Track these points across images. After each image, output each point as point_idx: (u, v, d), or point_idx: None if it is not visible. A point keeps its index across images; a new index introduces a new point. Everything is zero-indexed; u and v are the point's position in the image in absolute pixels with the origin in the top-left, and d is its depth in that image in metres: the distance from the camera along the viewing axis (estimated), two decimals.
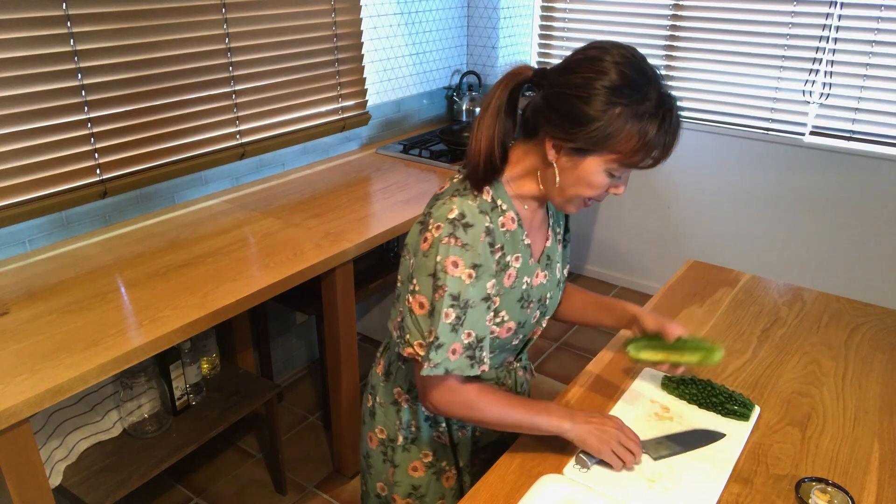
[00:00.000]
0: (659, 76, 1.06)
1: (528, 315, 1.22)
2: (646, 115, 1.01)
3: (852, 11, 2.75)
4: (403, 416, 1.30)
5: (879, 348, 1.53)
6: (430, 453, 1.32)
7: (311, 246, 2.00)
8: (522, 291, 1.19)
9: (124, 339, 1.52)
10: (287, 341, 2.87)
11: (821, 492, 1.09)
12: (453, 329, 1.09)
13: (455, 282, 1.08)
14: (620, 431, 1.16)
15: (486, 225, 1.10)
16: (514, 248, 1.17)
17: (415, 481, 1.33)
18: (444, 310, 1.08)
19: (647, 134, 1.02)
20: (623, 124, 1.01)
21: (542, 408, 1.17)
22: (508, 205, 1.15)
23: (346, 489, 2.33)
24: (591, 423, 1.16)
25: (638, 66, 1.03)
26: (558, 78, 1.06)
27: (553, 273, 1.27)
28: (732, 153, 3.18)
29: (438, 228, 1.09)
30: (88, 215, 2.06)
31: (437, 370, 1.10)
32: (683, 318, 1.65)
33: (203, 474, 2.39)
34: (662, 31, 3.22)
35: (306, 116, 2.65)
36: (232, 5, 2.26)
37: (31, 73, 1.82)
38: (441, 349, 1.09)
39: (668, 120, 1.03)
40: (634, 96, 1.01)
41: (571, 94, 1.03)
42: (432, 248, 1.09)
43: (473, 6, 3.35)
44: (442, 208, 1.10)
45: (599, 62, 1.03)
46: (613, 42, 1.06)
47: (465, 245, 1.08)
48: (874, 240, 2.94)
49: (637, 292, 3.66)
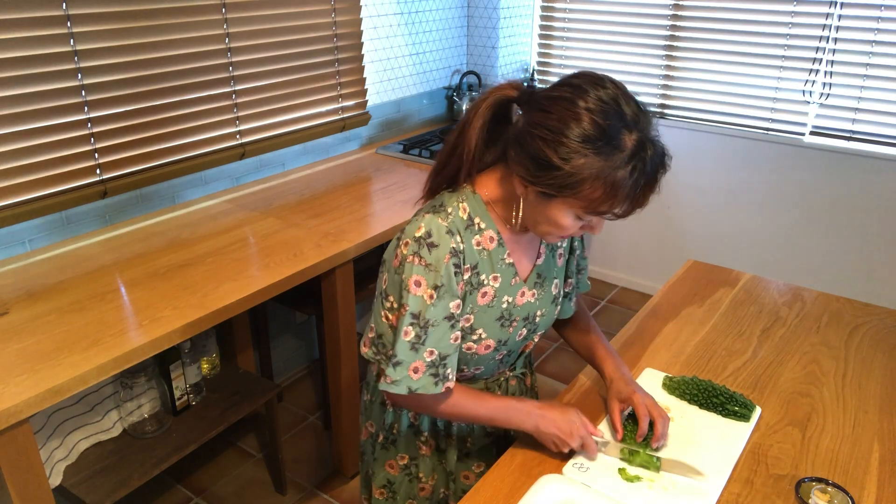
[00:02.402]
0: (642, 120, 0.99)
1: (512, 333, 1.22)
2: (615, 166, 0.96)
3: (852, 11, 2.75)
4: (387, 418, 1.32)
5: (879, 348, 1.53)
6: (406, 457, 1.34)
7: (311, 246, 2.00)
8: (503, 310, 1.18)
9: (124, 339, 1.52)
10: (287, 341, 2.87)
11: (821, 492, 1.09)
12: (412, 347, 1.10)
13: (416, 301, 1.08)
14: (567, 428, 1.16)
15: (452, 246, 1.08)
16: (492, 268, 1.15)
17: (390, 477, 1.37)
18: (404, 328, 1.09)
19: (615, 185, 0.97)
20: (588, 174, 0.96)
21: (501, 407, 1.19)
22: (488, 224, 1.14)
23: (346, 489, 2.33)
24: (546, 417, 1.17)
25: (615, 112, 0.97)
26: (534, 113, 1.01)
27: (546, 291, 1.25)
28: (732, 153, 3.18)
29: (406, 245, 1.09)
30: (88, 215, 2.06)
31: (399, 388, 1.10)
32: (683, 318, 1.66)
33: (203, 474, 2.39)
34: (662, 31, 3.22)
35: (306, 116, 2.65)
36: (232, 5, 2.26)
37: (31, 73, 1.82)
38: (399, 367, 1.10)
39: (641, 171, 0.97)
40: (605, 147, 0.96)
41: (539, 136, 0.99)
42: (401, 265, 1.10)
43: (473, 6, 3.35)
44: (412, 224, 1.10)
45: (573, 106, 0.97)
46: (597, 79, 1.00)
47: (427, 265, 1.07)
48: (874, 240, 2.94)
49: (637, 292, 3.66)
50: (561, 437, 1.15)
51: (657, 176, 1.00)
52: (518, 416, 1.18)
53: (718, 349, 1.53)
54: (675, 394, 1.36)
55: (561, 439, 1.15)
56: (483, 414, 1.19)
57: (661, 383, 1.39)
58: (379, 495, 1.39)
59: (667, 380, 1.39)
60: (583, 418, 1.18)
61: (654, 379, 1.41)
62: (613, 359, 1.31)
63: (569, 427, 1.15)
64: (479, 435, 1.33)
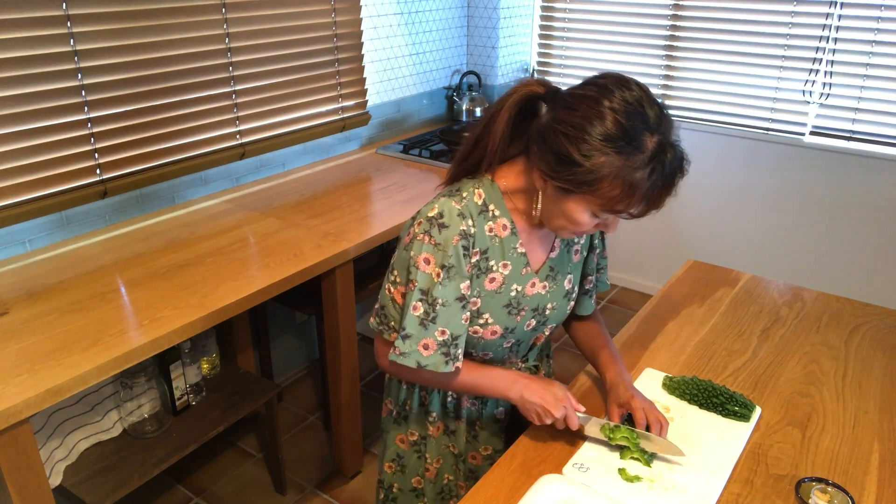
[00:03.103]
0: (664, 124, 1.01)
1: (519, 322, 1.24)
2: (635, 167, 0.98)
3: (852, 11, 2.75)
4: (401, 395, 1.36)
5: (879, 348, 1.53)
6: (416, 433, 1.38)
7: (311, 246, 2.00)
8: (511, 298, 1.20)
9: (124, 339, 1.52)
10: (287, 341, 2.87)
11: (821, 492, 1.09)
12: (421, 323, 1.13)
13: (424, 277, 1.12)
14: (552, 399, 1.17)
15: (462, 229, 1.11)
16: (503, 255, 1.18)
17: (399, 451, 1.41)
18: (413, 303, 1.13)
19: (633, 185, 0.99)
20: (607, 172, 0.99)
21: (487, 375, 1.21)
22: (503, 212, 1.17)
23: (346, 489, 2.33)
24: (531, 387, 1.18)
25: (639, 114, 0.99)
26: (559, 110, 1.04)
27: (558, 285, 1.27)
28: (732, 153, 3.18)
29: (419, 224, 1.13)
30: (88, 215, 2.06)
31: (407, 360, 1.14)
32: (683, 318, 1.66)
33: (203, 474, 2.39)
34: (662, 31, 3.22)
35: (306, 116, 2.65)
36: (232, 5, 2.26)
37: (31, 73, 1.82)
38: (408, 340, 1.14)
39: (659, 173, 0.99)
40: (626, 147, 0.98)
41: (562, 132, 1.01)
42: (411, 242, 1.14)
43: (473, 6, 3.35)
44: (428, 206, 1.15)
45: (598, 105, 0.99)
46: (623, 80, 1.02)
47: (437, 245, 1.11)
48: (874, 240, 2.94)
49: (637, 292, 3.66)
50: (545, 407, 1.16)
51: (675, 179, 1.03)
52: (503, 384, 1.20)
53: (718, 349, 1.53)
54: (675, 394, 1.36)
55: (545, 409, 1.16)
56: (469, 382, 1.22)
57: (661, 383, 1.39)
58: (388, 469, 1.43)
59: (667, 380, 1.39)
60: (566, 392, 1.19)
61: (654, 379, 1.41)
62: (616, 365, 1.32)
63: (553, 398, 1.17)
64: (487, 419, 1.35)
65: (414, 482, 1.42)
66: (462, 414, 1.33)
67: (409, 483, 1.42)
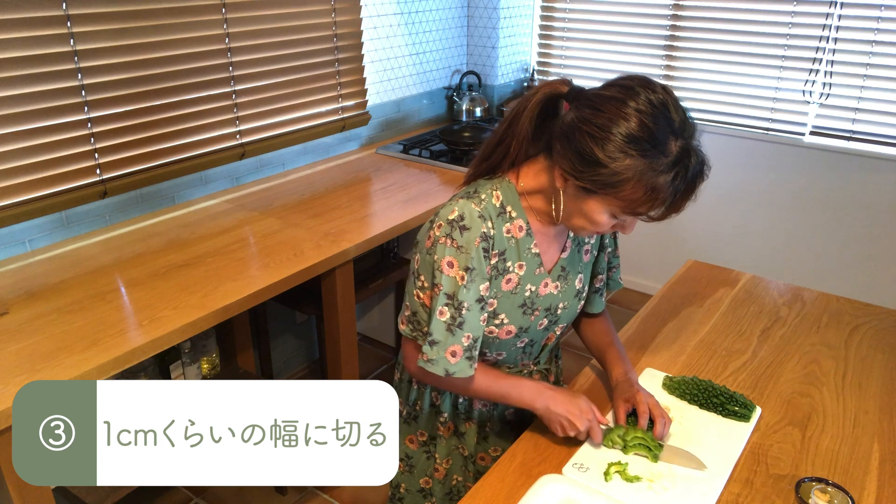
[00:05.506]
0: (688, 129, 1.02)
1: (533, 322, 1.24)
2: (658, 170, 0.99)
3: (852, 11, 2.75)
4: (411, 395, 1.36)
5: (879, 348, 1.53)
6: (425, 434, 1.38)
7: (311, 246, 2.00)
8: (525, 298, 1.21)
9: (124, 339, 1.52)
10: (287, 341, 2.87)
11: (821, 492, 1.09)
12: (448, 328, 1.13)
13: (449, 281, 1.11)
14: (577, 411, 1.17)
15: (483, 231, 1.11)
16: (519, 256, 1.18)
17: (409, 451, 1.41)
18: (439, 307, 1.12)
19: (656, 189, 1.00)
20: (631, 175, 0.99)
21: (514, 385, 1.21)
22: (519, 213, 1.17)
23: (347, 489, 2.33)
24: (557, 399, 1.18)
25: (664, 117, 1.00)
26: (584, 110, 1.03)
27: (570, 284, 1.27)
28: (732, 153, 3.18)
29: (439, 227, 1.12)
30: (88, 215, 2.06)
31: (435, 368, 1.14)
32: (683, 318, 1.66)
33: None
34: (662, 31, 3.22)
35: (306, 116, 2.65)
36: (232, 5, 2.26)
37: (31, 73, 1.82)
38: (436, 346, 1.13)
39: (682, 178, 1.00)
40: (650, 150, 0.98)
41: (587, 132, 1.01)
42: (433, 246, 1.13)
43: (473, 6, 3.35)
44: (446, 208, 1.14)
45: (624, 107, 0.99)
46: (649, 83, 1.02)
47: (459, 247, 1.11)
48: (874, 240, 2.94)
49: (637, 292, 3.66)
50: (570, 420, 1.16)
51: (696, 184, 1.04)
52: (530, 395, 1.20)
53: (718, 349, 1.53)
54: (675, 394, 1.36)
55: (570, 421, 1.16)
56: (496, 391, 1.21)
57: (662, 383, 1.39)
58: (398, 468, 1.43)
59: (667, 380, 1.39)
60: (591, 405, 1.20)
61: (655, 379, 1.41)
62: (623, 363, 1.33)
63: (578, 410, 1.17)
64: (497, 420, 1.35)
65: (422, 482, 1.42)
66: (473, 415, 1.34)
67: (417, 483, 1.42)
